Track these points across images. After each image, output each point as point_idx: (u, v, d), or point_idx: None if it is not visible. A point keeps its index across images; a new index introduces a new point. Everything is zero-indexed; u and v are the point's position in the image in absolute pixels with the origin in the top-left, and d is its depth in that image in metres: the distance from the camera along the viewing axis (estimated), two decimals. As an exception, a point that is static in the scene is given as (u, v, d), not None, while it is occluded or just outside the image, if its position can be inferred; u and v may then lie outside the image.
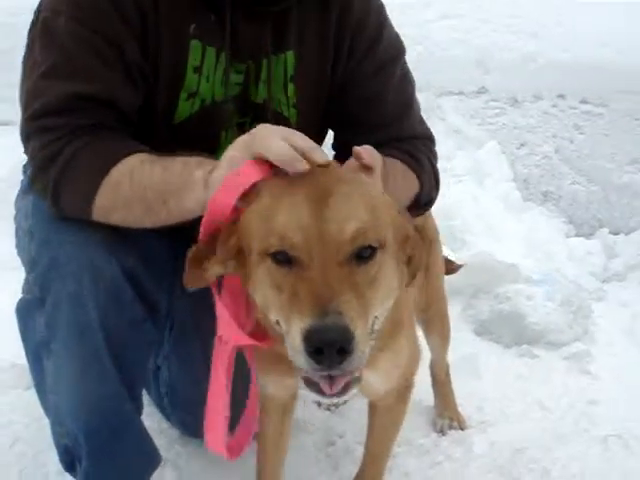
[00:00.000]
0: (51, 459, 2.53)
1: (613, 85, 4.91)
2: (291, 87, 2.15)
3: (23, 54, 2.02)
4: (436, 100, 5.04)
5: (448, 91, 5.09)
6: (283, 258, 1.49)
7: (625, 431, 2.84)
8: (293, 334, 1.41)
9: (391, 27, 2.27)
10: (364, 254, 1.50)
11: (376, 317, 1.54)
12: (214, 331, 2.45)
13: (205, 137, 2.11)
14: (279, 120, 2.13)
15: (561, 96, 4.96)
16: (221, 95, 2.08)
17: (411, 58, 2.31)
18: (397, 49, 2.27)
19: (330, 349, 1.36)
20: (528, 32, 5.21)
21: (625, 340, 3.60)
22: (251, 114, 2.15)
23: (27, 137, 1.92)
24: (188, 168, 1.79)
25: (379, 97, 2.20)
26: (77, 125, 1.86)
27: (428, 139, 2.30)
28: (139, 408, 2.18)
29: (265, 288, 1.54)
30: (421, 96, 4.87)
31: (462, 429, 2.87)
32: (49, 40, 1.90)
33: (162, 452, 2.36)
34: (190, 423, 2.71)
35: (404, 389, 2.10)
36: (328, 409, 2.96)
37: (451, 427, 2.88)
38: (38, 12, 1.98)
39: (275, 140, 1.63)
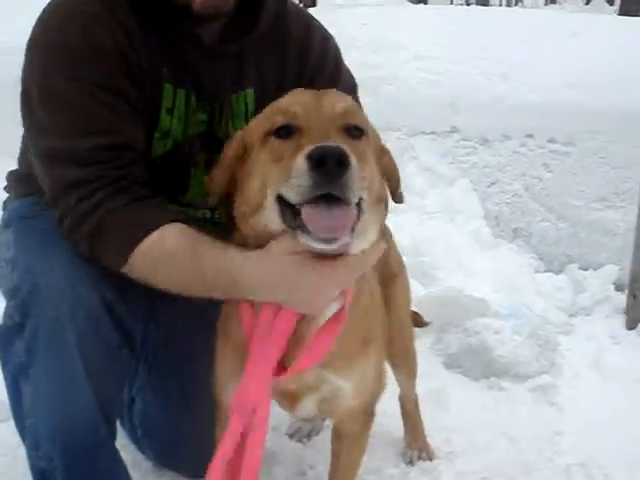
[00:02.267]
0: (26, 488, 2.57)
1: (580, 125, 5.02)
2: None
3: (24, 125, 2.10)
4: (409, 139, 5.15)
5: (420, 131, 5.19)
6: (285, 133, 1.69)
7: (589, 460, 2.91)
8: (297, 165, 1.55)
9: (345, 64, 2.43)
10: (354, 133, 1.70)
11: (361, 199, 1.65)
12: (187, 361, 2.53)
13: (177, 174, 2.22)
14: None
15: (530, 136, 5.07)
16: (190, 134, 2.19)
17: (384, 98, 2.43)
18: (352, 84, 2.41)
19: (331, 159, 1.50)
20: (497, 74, 5.34)
21: (591, 373, 3.67)
22: (217, 150, 2.24)
23: (56, 198, 1.98)
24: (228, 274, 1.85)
25: None
26: (106, 178, 1.93)
27: None
28: (113, 433, 2.24)
29: (265, 164, 1.70)
30: (394, 135, 5.09)
31: (430, 460, 2.92)
32: (56, 101, 1.97)
33: (136, 484, 2.41)
34: (164, 454, 2.76)
35: (368, 416, 2.16)
36: (300, 440, 3.01)
37: (420, 458, 2.92)
38: (25, 80, 2.05)
39: None
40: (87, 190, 1.91)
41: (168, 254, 1.89)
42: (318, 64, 2.32)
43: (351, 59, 2.47)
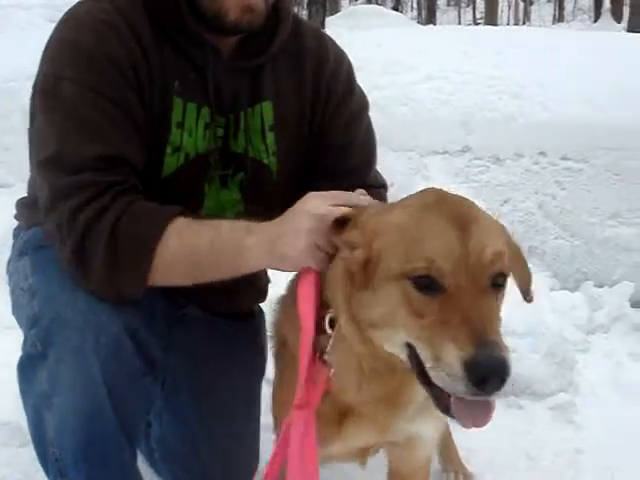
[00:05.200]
0: (44, 514, 2.57)
1: (593, 142, 5.02)
2: (270, 136, 2.25)
3: (29, 127, 2.09)
4: (421, 159, 5.16)
5: (433, 151, 5.20)
6: (426, 283, 1.53)
7: (609, 478, 2.89)
8: (450, 361, 1.46)
9: (357, 83, 2.43)
10: (499, 282, 1.58)
11: None
12: (205, 387, 2.53)
13: (190, 190, 2.20)
14: (259, 168, 2.26)
15: (542, 153, 5.07)
16: (204, 149, 2.18)
17: (397, 119, 2.45)
18: (365, 101, 2.43)
19: (495, 379, 1.44)
20: (509, 92, 5.34)
21: (609, 390, 3.65)
22: (232, 165, 2.24)
23: (54, 202, 1.95)
24: (238, 233, 1.89)
25: (350, 146, 2.33)
26: (100, 184, 1.91)
27: (385, 188, 2.42)
28: (135, 457, 2.24)
29: (397, 309, 1.57)
30: (406, 155, 5.09)
31: None
32: (57, 106, 1.98)
33: (154, 506, 2.42)
34: (181, 477, 2.76)
35: (429, 464, 2.16)
36: (322, 465, 2.98)
37: None
38: (36, 83, 2.06)
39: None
40: (85, 197, 1.89)
41: (181, 231, 1.91)
42: (332, 75, 2.32)
43: (363, 80, 2.49)
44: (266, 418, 2.40)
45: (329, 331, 1.74)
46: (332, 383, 1.79)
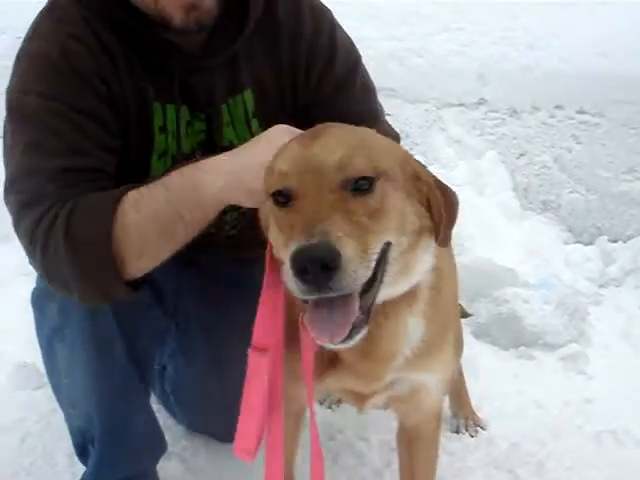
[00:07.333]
0: (60, 451, 2.66)
1: (609, 95, 4.97)
2: (254, 123, 2.21)
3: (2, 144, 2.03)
4: (437, 111, 5.12)
5: (449, 103, 5.16)
6: (282, 198, 1.54)
7: (618, 427, 2.92)
8: (285, 269, 1.42)
9: (344, 38, 2.29)
10: (362, 186, 1.51)
11: (390, 244, 1.54)
12: (217, 329, 2.56)
13: None
14: None
15: (559, 106, 5.03)
16: (189, 148, 2.14)
17: (413, 71, 2.36)
18: (353, 60, 2.31)
19: (313, 266, 1.36)
20: (525, 44, 5.28)
21: (620, 342, 3.66)
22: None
23: (19, 218, 1.90)
24: (188, 177, 1.85)
25: (344, 113, 2.17)
26: (67, 193, 1.86)
27: (398, 139, 2.34)
28: (148, 392, 2.28)
29: (274, 230, 1.60)
30: (423, 107, 5.08)
31: (482, 428, 2.93)
32: (23, 119, 1.93)
33: (169, 447, 2.46)
34: (196, 420, 2.81)
35: (439, 415, 2.13)
36: (329, 407, 3.04)
37: (467, 426, 2.93)
38: (6, 100, 1.99)
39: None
40: (45, 207, 1.84)
41: (135, 202, 1.84)
42: (310, 48, 2.21)
43: (379, 31, 2.43)
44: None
45: None
46: None
